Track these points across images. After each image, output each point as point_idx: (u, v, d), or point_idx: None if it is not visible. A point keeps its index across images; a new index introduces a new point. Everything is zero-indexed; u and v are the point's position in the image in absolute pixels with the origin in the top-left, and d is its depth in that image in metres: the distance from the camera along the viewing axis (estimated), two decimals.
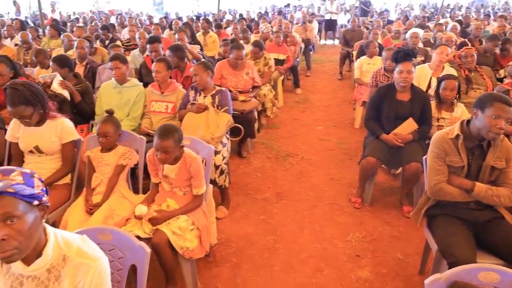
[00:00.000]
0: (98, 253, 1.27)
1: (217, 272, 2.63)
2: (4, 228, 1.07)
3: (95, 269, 1.22)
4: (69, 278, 1.22)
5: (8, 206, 1.08)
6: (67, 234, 1.29)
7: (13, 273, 1.23)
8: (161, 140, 2.16)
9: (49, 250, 1.21)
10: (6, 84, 2.36)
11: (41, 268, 1.21)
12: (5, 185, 1.09)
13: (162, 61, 3.46)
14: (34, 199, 1.15)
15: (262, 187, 3.79)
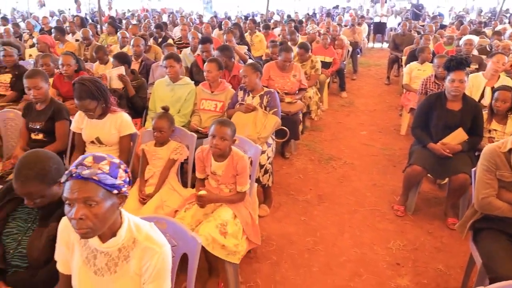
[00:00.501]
0: (163, 240, 1.39)
1: (257, 268, 2.72)
2: (84, 209, 1.21)
3: (160, 254, 1.34)
4: (136, 259, 1.35)
5: (90, 191, 1.22)
6: (138, 220, 1.42)
7: (89, 246, 1.38)
8: (220, 126, 2.29)
9: (123, 232, 1.35)
10: (75, 80, 2.58)
11: (113, 247, 1.35)
12: (91, 173, 1.23)
13: (213, 61, 3.60)
14: (114, 188, 1.28)
15: (303, 189, 3.85)
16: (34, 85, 2.85)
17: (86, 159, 1.26)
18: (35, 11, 12.82)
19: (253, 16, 13.05)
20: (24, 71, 4.37)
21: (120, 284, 1.36)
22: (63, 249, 1.42)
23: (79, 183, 1.22)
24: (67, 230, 1.40)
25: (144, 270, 1.34)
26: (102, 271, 1.37)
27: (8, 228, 1.63)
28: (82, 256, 1.39)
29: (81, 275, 1.38)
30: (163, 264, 1.35)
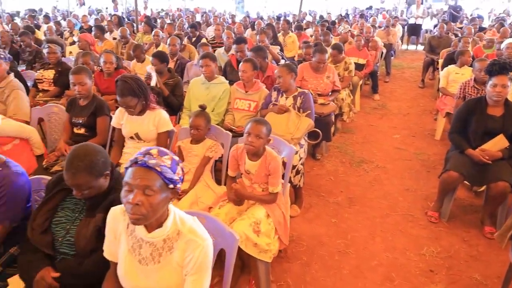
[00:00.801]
0: (206, 234, 1.44)
1: (288, 267, 2.74)
2: (142, 196, 1.29)
3: (203, 247, 1.39)
4: (180, 250, 1.40)
5: (151, 180, 1.29)
6: (182, 213, 1.48)
7: (135, 235, 1.44)
8: (256, 124, 2.33)
9: (169, 223, 1.40)
10: (118, 77, 2.68)
11: (159, 237, 1.41)
12: (157, 163, 1.31)
13: (249, 61, 3.64)
14: (171, 183, 1.35)
15: (334, 191, 3.83)
16: (79, 81, 2.98)
17: (151, 150, 1.34)
18: (75, 10, 13.31)
19: (285, 17, 13.03)
20: (66, 67, 4.57)
21: (163, 274, 1.41)
22: (111, 238, 1.48)
23: (143, 171, 1.30)
24: (116, 220, 1.47)
25: (186, 262, 1.39)
26: (146, 261, 1.43)
27: (57, 217, 1.72)
28: (128, 245, 1.45)
29: (126, 263, 1.44)
30: (205, 257, 1.39)
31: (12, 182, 1.75)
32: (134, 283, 1.44)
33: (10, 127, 2.99)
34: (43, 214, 1.69)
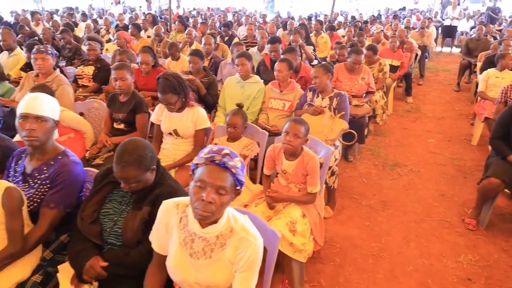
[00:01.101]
0: (258, 233, 1.46)
1: (321, 268, 2.73)
2: (215, 195, 1.33)
3: (255, 246, 1.41)
4: (232, 247, 1.42)
5: (226, 181, 1.34)
6: (235, 211, 1.50)
7: (188, 230, 1.48)
8: (295, 123, 2.35)
9: (223, 220, 1.43)
10: (160, 75, 2.74)
11: (212, 233, 1.44)
12: (234, 165, 1.35)
13: (285, 61, 3.65)
14: (239, 184, 1.39)
15: (367, 194, 3.79)
16: (121, 76, 3.07)
17: (226, 151, 1.37)
18: (111, 8, 13.67)
19: (316, 17, 12.95)
20: (105, 64, 4.71)
21: (214, 269, 1.44)
22: (162, 231, 1.52)
23: (219, 171, 1.34)
24: (168, 213, 1.50)
25: (238, 259, 1.41)
26: (197, 255, 1.46)
27: (105, 209, 1.78)
28: (180, 239, 1.48)
29: (177, 256, 1.48)
30: (256, 256, 1.41)
31: (70, 170, 1.83)
32: (184, 276, 1.48)
33: (73, 118, 3.12)
34: (92, 205, 1.76)
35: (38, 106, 1.81)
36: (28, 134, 1.78)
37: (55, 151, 1.91)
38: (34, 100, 1.83)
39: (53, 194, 1.80)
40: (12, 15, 11.71)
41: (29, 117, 1.79)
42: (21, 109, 1.82)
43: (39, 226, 1.77)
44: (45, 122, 1.83)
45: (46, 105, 1.86)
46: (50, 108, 1.87)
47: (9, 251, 1.68)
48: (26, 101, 1.83)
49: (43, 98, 1.87)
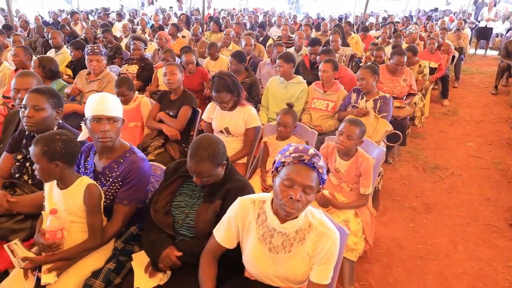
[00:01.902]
0: (335, 228, 1.50)
1: (369, 268, 2.75)
2: (302, 195, 1.38)
3: (333, 240, 1.45)
4: (311, 242, 1.47)
5: (313, 181, 1.39)
6: (311, 207, 1.54)
7: (267, 225, 1.53)
8: (350, 125, 2.38)
9: (302, 216, 1.48)
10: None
11: (291, 228, 1.49)
12: (321, 166, 1.40)
13: (330, 61, 3.67)
14: (323, 183, 1.44)
15: (409, 196, 3.77)
16: (170, 70, 3.19)
17: (312, 150, 1.41)
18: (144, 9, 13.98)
19: (347, 18, 12.88)
20: (148, 63, 4.86)
21: (293, 262, 1.49)
22: (235, 225, 1.58)
23: (308, 170, 1.39)
24: (246, 209, 1.56)
25: (317, 253, 1.46)
26: (277, 249, 1.51)
27: (176, 202, 1.86)
28: (258, 234, 1.54)
29: (255, 250, 1.54)
30: (334, 250, 1.45)
31: (139, 167, 1.91)
32: (262, 269, 1.54)
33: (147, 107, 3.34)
34: (163, 198, 1.84)
35: (108, 107, 1.86)
36: (102, 136, 1.83)
37: (122, 148, 1.98)
38: (104, 102, 1.87)
39: (125, 191, 1.88)
40: (50, 15, 12.12)
41: (102, 119, 1.83)
42: (93, 112, 1.84)
43: (115, 222, 1.86)
44: (116, 122, 1.89)
45: (114, 105, 1.91)
46: (118, 108, 1.93)
47: (89, 244, 1.78)
48: (95, 104, 1.86)
49: (110, 98, 1.92)
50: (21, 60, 4.04)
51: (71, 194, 1.74)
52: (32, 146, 1.66)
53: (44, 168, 1.65)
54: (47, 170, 1.66)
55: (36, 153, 1.63)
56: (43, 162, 1.64)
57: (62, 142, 1.68)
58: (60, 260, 1.72)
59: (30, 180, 2.11)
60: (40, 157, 1.63)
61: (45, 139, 1.66)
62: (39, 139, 1.67)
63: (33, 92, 2.09)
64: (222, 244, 1.61)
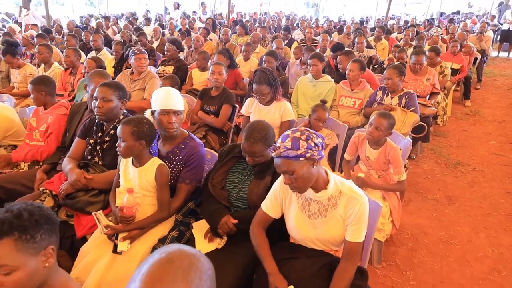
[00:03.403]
0: (363, 193, 1.76)
1: (395, 250, 2.98)
2: (289, 178, 1.66)
3: (362, 203, 1.70)
4: (342, 206, 1.73)
5: (286, 166, 1.63)
6: (339, 177, 1.81)
7: (304, 196, 1.81)
8: (379, 117, 2.63)
9: (331, 185, 1.74)
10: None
11: (324, 196, 1.75)
12: (277, 153, 1.64)
13: (357, 62, 3.92)
14: (299, 157, 1.62)
15: (432, 189, 3.97)
16: (218, 70, 3.50)
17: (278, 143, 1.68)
18: (170, 13, 14.46)
19: (367, 21, 13.04)
20: (183, 64, 5.19)
21: (329, 225, 1.76)
22: (280, 198, 1.85)
23: (280, 161, 1.65)
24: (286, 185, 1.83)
25: (348, 215, 1.71)
26: (315, 215, 1.78)
27: (230, 179, 2.15)
28: (298, 204, 1.81)
29: (298, 218, 1.81)
30: (364, 211, 1.70)
31: (199, 151, 2.21)
32: (304, 234, 1.81)
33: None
34: (219, 175, 2.13)
35: (174, 102, 2.15)
36: (170, 127, 2.13)
37: (183, 135, 2.28)
38: (170, 97, 2.15)
39: (187, 172, 2.18)
40: (81, 20, 12.69)
41: (169, 112, 2.12)
42: (161, 106, 2.13)
43: (178, 198, 2.17)
44: (180, 114, 2.19)
45: (179, 99, 2.20)
46: (181, 101, 2.22)
47: (159, 216, 2.09)
48: (164, 99, 2.14)
49: (175, 93, 2.20)
50: (71, 61, 4.44)
51: (145, 172, 2.05)
52: (122, 126, 1.97)
53: (130, 146, 1.96)
54: (132, 148, 1.97)
55: (126, 132, 1.94)
56: (131, 140, 1.95)
57: (148, 125, 2.00)
58: (134, 230, 2.02)
59: (100, 161, 2.44)
60: (129, 136, 1.94)
61: (134, 121, 1.98)
62: (129, 120, 1.98)
63: (102, 86, 2.41)
64: (269, 214, 1.88)
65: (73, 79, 4.49)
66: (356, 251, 1.70)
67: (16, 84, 4.80)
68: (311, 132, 1.68)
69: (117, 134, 1.99)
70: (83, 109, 2.90)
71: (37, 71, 4.74)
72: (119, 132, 1.97)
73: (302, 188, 1.70)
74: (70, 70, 4.54)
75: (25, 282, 1.08)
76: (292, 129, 1.69)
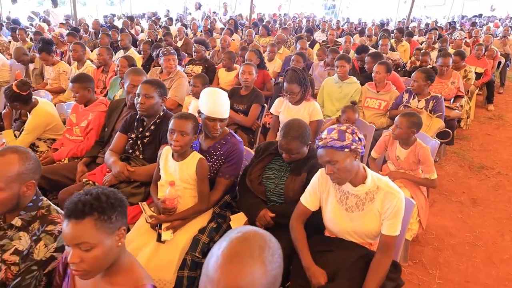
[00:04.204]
0: (399, 189, 1.83)
1: (421, 250, 3.04)
2: (331, 168, 1.74)
3: (399, 198, 1.78)
4: (379, 200, 1.81)
5: (330, 155, 1.72)
6: (376, 173, 1.88)
7: (342, 189, 1.89)
8: (400, 116, 2.71)
9: (369, 180, 1.82)
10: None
11: (362, 190, 1.83)
12: (324, 143, 1.73)
13: (383, 64, 3.98)
14: (344, 148, 1.72)
15: (456, 191, 4.00)
16: (249, 70, 3.61)
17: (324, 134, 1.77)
18: (191, 14, 14.68)
19: (388, 23, 13.00)
20: (211, 64, 5.31)
21: (366, 218, 1.84)
22: (319, 191, 1.94)
23: (324, 150, 1.74)
24: (326, 178, 1.92)
25: (385, 209, 1.78)
26: (352, 209, 1.86)
27: (266, 175, 2.25)
28: (336, 197, 1.90)
29: (335, 211, 1.89)
30: (400, 206, 1.77)
31: (239, 148, 2.32)
32: (341, 226, 1.89)
33: None
34: (256, 171, 2.23)
35: (221, 110, 2.23)
36: (214, 132, 2.23)
37: (224, 132, 2.37)
38: (218, 105, 2.23)
39: (228, 167, 2.28)
40: (105, 20, 12.98)
41: (215, 120, 2.22)
42: (208, 112, 2.20)
43: (217, 191, 2.28)
44: (225, 121, 2.28)
45: (225, 107, 2.28)
46: (227, 109, 2.29)
47: (199, 207, 2.20)
48: (211, 106, 2.20)
49: (224, 101, 2.28)
50: (104, 59, 4.60)
51: (186, 165, 2.16)
52: (183, 120, 2.06)
53: (187, 140, 2.08)
54: (189, 142, 2.09)
55: (189, 126, 2.06)
56: (191, 134, 2.07)
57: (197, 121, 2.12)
58: (177, 220, 2.13)
59: (141, 155, 2.56)
60: (191, 130, 2.07)
61: (192, 116, 2.10)
62: (188, 115, 2.11)
63: (144, 83, 2.54)
64: (307, 207, 1.97)
65: (105, 76, 4.65)
66: (391, 244, 1.78)
67: (49, 80, 4.99)
68: (354, 128, 1.79)
69: (175, 128, 2.06)
70: (122, 105, 3.04)
71: (70, 69, 4.92)
72: (178, 126, 2.05)
73: (343, 179, 1.77)
74: (103, 68, 4.70)
75: (102, 258, 1.20)
76: (336, 124, 1.80)
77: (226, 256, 0.90)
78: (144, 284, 1.26)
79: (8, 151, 1.45)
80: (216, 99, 2.23)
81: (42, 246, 1.40)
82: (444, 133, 3.84)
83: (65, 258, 1.36)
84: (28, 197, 1.49)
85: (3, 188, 1.38)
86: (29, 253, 1.40)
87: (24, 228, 1.46)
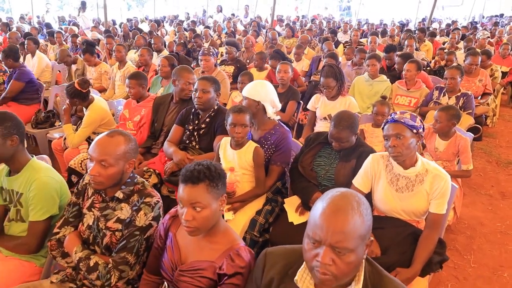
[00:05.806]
0: (446, 172, 2.00)
1: (454, 237, 3.20)
2: (396, 141, 1.92)
3: (446, 180, 1.95)
4: (428, 182, 1.99)
5: (400, 129, 1.92)
6: (423, 158, 2.07)
7: (393, 172, 2.08)
8: (438, 111, 2.92)
9: (419, 163, 2.01)
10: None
11: (412, 173, 2.02)
12: (399, 117, 1.94)
13: (414, 62, 4.15)
14: (413, 128, 1.93)
15: (485, 185, 4.14)
16: (285, 69, 3.83)
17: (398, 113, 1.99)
18: (213, 16, 15.01)
19: (408, 24, 13.09)
20: (243, 64, 5.54)
21: (415, 199, 2.02)
22: (371, 174, 2.13)
23: (395, 124, 1.94)
24: (377, 162, 2.11)
25: (433, 190, 1.97)
26: (402, 190, 2.05)
27: (317, 162, 2.46)
28: (387, 179, 2.09)
29: (386, 192, 2.09)
30: (447, 187, 1.96)
31: (288, 137, 2.53)
32: (391, 206, 2.08)
33: None
34: (307, 158, 2.44)
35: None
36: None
37: (273, 122, 2.58)
38: (253, 88, 2.51)
39: (278, 155, 2.50)
40: (130, 23, 13.37)
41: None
42: (243, 92, 2.52)
43: (271, 177, 2.49)
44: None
45: (261, 92, 2.51)
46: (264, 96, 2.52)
47: (256, 191, 2.43)
48: (247, 88, 2.53)
49: (259, 89, 2.52)
50: (145, 59, 4.88)
51: (243, 153, 2.38)
52: (240, 114, 2.28)
53: (247, 130, 2.32)
54: (248, 131, 2.32)
55: (246, 119, 2.30)
56: (249, 125, 2.31)
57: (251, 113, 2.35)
58: (237, 202, 2.36)
59: (197, 145, 2.80)
60: (248, 121, 2.30)
61: (247, 109, 2.34)
62: (245, 108, 2.34)
63: (201, 79, 2.79)
64: (360, 189, 2.16)
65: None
66: (439, 221, 1.96)
67: (91, 80, 5.28)
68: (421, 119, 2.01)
69: (236, 122, 2.28)
70: (167, 100, 3.29)
71: (111, 69, 5.21)
72: (239, 120, 2.28)
73: (402, 155, 1.95)
74: (143, 68, 4.98)
75: (209, 218, 1.42)
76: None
77: (332, 209, 1.11)
78: (238, 243, 1.48)
79: (116, 133, 1.69)
80: (254, 82, 2.56)
81: (143, 215, 1.63)
82: (473, 129, 3.98)
83: (167, 223, 1.59)
84: (128, 174, 1.73)
85: (112, 164, 1.62)
86: (131, 220, 1.63)
87: (125, 200, 1.70)
